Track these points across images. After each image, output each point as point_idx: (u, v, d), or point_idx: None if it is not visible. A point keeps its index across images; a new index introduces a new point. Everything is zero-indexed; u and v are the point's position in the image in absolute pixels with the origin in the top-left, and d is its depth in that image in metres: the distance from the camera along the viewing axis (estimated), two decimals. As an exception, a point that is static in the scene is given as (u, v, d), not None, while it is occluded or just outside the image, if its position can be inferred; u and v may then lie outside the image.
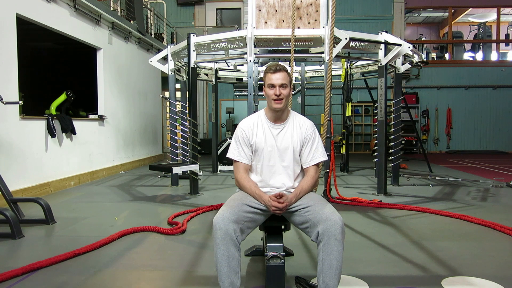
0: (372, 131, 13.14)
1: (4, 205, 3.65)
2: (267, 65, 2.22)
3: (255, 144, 2.14)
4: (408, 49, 5.05)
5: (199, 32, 10.01)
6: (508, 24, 15.88)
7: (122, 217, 4.07)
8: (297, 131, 2.17)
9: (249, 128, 2.16)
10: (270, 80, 2.10)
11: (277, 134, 2.15)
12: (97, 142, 6.89)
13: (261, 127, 2.17)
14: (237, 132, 2.19)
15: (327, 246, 1.82)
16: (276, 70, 2.10)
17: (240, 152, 2.16)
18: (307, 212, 1.96)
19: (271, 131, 2.16)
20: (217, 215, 1.88)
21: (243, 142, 2.16)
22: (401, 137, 5.95)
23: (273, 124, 2.17)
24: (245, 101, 8.41)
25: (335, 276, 1.81)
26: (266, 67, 2.18)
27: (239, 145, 2.16)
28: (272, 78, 2.09)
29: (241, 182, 2.12)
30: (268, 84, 2.11)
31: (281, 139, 2.15)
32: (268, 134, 2.15)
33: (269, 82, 2.10)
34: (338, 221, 1.83)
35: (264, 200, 1.98)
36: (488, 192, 5.46)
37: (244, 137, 2.16)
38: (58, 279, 2.43)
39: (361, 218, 4.00)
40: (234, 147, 2.18)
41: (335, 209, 1.98)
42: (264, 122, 2.18)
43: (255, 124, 2.18)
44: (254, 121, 2.19)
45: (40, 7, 5.37)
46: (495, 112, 13.45)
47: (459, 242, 3.19)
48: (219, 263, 1.83)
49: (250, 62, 4.80)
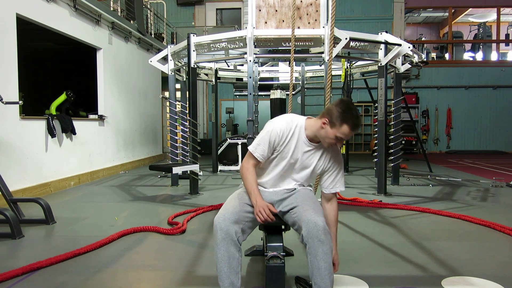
0: (372, 131, 13.14)
1: (4, 205, 3.65)
2: (346, 108, 1.89)
3: (280, 151, 2.02)
4: (408, 49, 5.05)
5: (199, 32, 10.00)
6: (508, 24, 15.87)
7: (122, 217, 4.07)
8: (326, 157, 2.07)
9: (284, 135, 1.99)
10: (343, 134, 1.89)
11: (306, 151, 2.03)
12: (97, 142, 6.89)
13: (295, 140, 2.01)
14: (269, 130, 1.99)
15: (312, 249, 1.80)
16: (355, 128, 1.90)
17: (261, 150, 2.00)
18: (294, 213, 1.95)
19: (303, 147, 2.02)
20: (218, 215, 1.87)
21: (271, 143, 1.99)
22: (401, 137, 5.95)
23: (308, 141, 2.02)
24: (245, 101, 8.40)
25: (325, 277, 1.80)
26: (345, 110, 1.88)
27: (265, 142, 1.99)
28: (347, 134, 1.89)
29: (245, 174, 2.02)
30: (338, 136, 1.90)
31: (307, 157, 2.04)
32: (298, 148, 2.02)
33: (341, 136, 1.90)
34: (319, 223, 1.80)
35: (256, 200, 1.92)
36: (488, 192, 5.46)
37: (275, 139, 1.99)
38: (58, 279, 2.43)
39: (361, 218, 4.00)
40: (259, 142, 2.01)
41: (320, 208, 1.97)
42: (302, 136, 2.02)
43: (291, 133, 2.00)
44: (292, 130, 2.00)
45: (40, 7, 5.37)
46: (495, 112, 13.45)
47: (459, 242, 3.19)
48: (219, 263, 1.83)
49: (250, 62, 4.81)
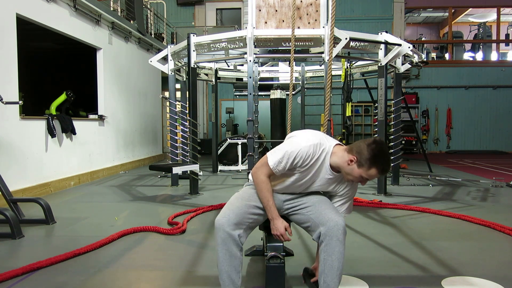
0: (372, 131, 13.13)
1: (4, 205, 3.65)
2: (378, 152, 1.82)
3: (300, 172, 1.93)
4: (408, 49, 5.05)
5: (199, 32, 10.00)
6: (508, 24, 15.87)
7: (122, 217, 4.07)
8: (342, 184, 2.02)
9: (309, 157, 1.87)
10: (369, 176, 1.85)
11: (325, 178, 1.97)
12: (97, 142, 6.89)
13: (319, 164, 1.92)
14: (295, 149, 1.86)
15: (329, 247, 1.83)
16: (383, 172, 1.86)
17: (281, 168, 1.89)
18: (309, 211, 1.96)
19: (324, 174, 1.95)
20: (220, 215, 1.87)
21: (293, 163, 1.87)
22: (401, 137, 5.95)
23: (331, 170, 1.94)
24: (245, 101, 8.39)
25: (336, 276, 1.83)
26: (377, 155, 1.82)
27: (288, 161, 1.87)
28: (373, 176, 1.86)
29: (261, 186, 1.94)
30: (363, 177, 1.85)
31: (324, 182, 1.99)
32: (319, 173, 1.95)
33: (366, 177, 1.85)
34: (340, 222, 1.84)
35: (273, 218, 1.92)
36: (488, 192, 5.46)
37: (299, 161, 1.87)
38: (58, 279, 2.43)
39: (361, 218, 4.00)
40: (281, 160, 1.87)
41: (337, 209, 1.99)
42: (326, 163, 1.93)
43: (316, 157, 1.89)
44: (317, 155, 1.89)
45: (40, 7, 5.37)
46: (495, 112, 13.44)
47: (459, 242, 3.19)
48: (221, 262, 1.83)
49: (250, 62, 4.80)
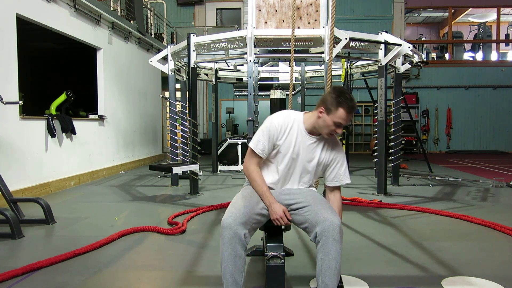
0: (372, 131, 13.14)
1: (4, 205, 3.65)
2: (339, 92, 1.91)
3: (281, 146, 2.02)
4: (408, 49, 5.05)
5: (199, 32, 10.00)
6: (508, 24, 15.87)
7: (122, 217, 4.07)
8: (328, 149, 2.07)
9: (283, 128, 2.00)
10: (340, 119, 1.90)
11: (308, 146, 2.04)
12: (97, 142, 6.89)
13: (295, 133, 2.02)
14: (268, 125, 2.02)
15: (326, 247, 1.83)
16: (351, 110, 1.90)
17: (261, 146, 2.01)
18: (306, 212, 1.96)
19: (303, 140, 2.03)
20: (227, 214, 1.87)
21: (270, 138, 2.00)
22: (401, 137, 5.95)
23: (308, 134, 2.03)
24: (245, 101, 8.40)
25: (334, 276, 1.83)
26: (338, 95, 1.90)
27: (265, 138, 2.00)
28: (344, 118, 1.90)
29: (252, 176, 2.03)
30: (336, 122, 1.91)
31: (309, 151, 2.04)
32: (299, 142, 2.02)
33: (338, 120, 1.90)
34: (336, 222, 1.84)
35: (271, 203, 1.95)
36: (488, 192, 5.46)
37: (274, 133, 2.00)
38: (58, 279, 2.43)
39: (361, 218, 4.00)
40: (259, 138, 2.01)
41: (334, 209, 1.99)
42: (302, 129, 2.03)
43: (290, 127, 2.02)
44: (290, 124, 2.02)
45: (40, 7, 5.37)
46: (495, 112, 13.45)
47: (459, 242, 3.19)
48: (225, 261, 1.83)
49: (250, 62, 4.80)
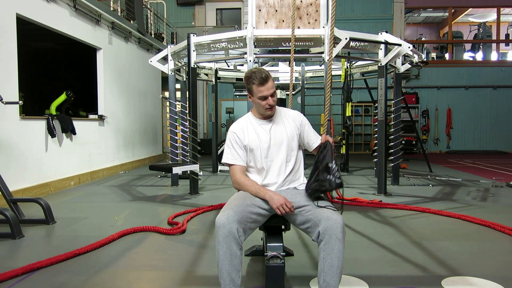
0: (372, 131, 13.13)
1: (4, 205, 3.65)
2: (248, 74, 2.09)
3: (249, 144, 2.15)
4: (408, 49, 5.05)
5: (199, 32, 10.01)
6: (508, 24, 15.87)
7: (122, 217, 4.07)
8: (289, 123, 2.20)
9: (240, 130, 2.17)
10: (261, 93, 2.06)
11: (270, 129, 2.17)
12: (97, 142, 6.89)
13: (252, 127, 2.18)
14: (229, 136, 2.19)
15: (328, 245, 1.83)
16: (264, 81, 2.04)
17: (234, 155, 2.16)
18: (308, 211, 1.96)
19: (263, 128, 2.17)
20: (221, 214, 1.88)
21: (236, 144, 2.16)
22: (401, 137, 5.95)
23: (262, 121, 2.19)
24: (245, 101, 8.40)
25: (336, 275, 1.83)
26: (248, 76, 2.08)
27: (232, 148, 2.16)
28: (263, 90, 2.05)
29: (241, 183, 2.12)
30: (260, 97, 2.07)
31: (274, 133, 2.16)
32: (260, 131, 2.16)
33: (260, 95, 2.06)
34: (339, 220, 1.85)
35: (270, 195, 1.97)
36: (488, 192, 5.46)
37: (236, 139, 2.16)
38: (58, 279, 2.43)
39: (361, 218, 4.00)
40: (228, 152, 2.18)
41: (336, 208, 1.99)
42: (254, 122, 2.19)
43: (245, 126, 2.18)
44: (243, 123, 2.20)
45: (40, 7, 5.37)
46: (495, 112, 13.45)
47: (459, 242, 3.19)
48: (221, 261, 1.83)
49: (250, 62, 4.80)
